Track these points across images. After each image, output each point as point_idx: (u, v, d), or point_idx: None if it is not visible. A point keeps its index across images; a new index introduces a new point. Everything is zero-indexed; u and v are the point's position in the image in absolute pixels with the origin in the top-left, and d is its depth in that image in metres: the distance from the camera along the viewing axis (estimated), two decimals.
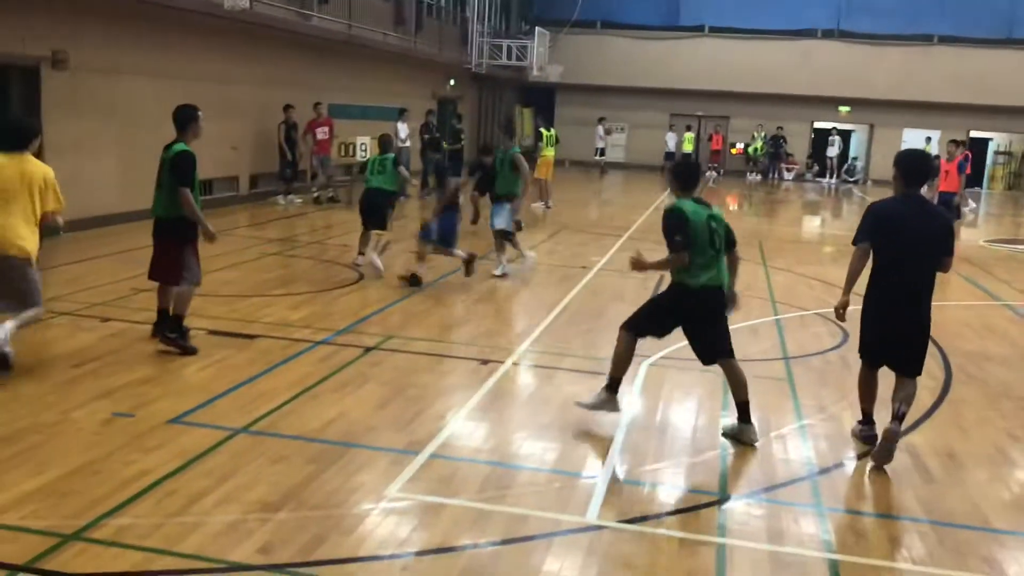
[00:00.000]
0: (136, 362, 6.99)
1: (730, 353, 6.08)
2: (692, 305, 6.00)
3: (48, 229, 6.79)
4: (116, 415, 5.85)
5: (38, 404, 5.97)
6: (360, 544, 4.41)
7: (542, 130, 20.81)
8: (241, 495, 4.80)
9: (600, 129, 30.50)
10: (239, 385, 6.57)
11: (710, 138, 32.82)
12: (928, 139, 29.71)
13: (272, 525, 4.50)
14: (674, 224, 5.89)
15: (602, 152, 30.66)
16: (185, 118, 7.45)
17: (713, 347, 6.08)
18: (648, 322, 6.22)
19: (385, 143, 11.67)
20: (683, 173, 6.26)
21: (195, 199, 7.21)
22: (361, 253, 11.14)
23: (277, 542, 4.33)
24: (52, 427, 5.60)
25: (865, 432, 6.13)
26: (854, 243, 5.95)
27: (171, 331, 7.30)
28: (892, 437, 5.56)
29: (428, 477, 5.23)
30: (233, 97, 16.47)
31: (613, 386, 6.22)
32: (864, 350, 6.05)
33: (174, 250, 7.30)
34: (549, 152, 20.19)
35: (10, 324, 6.43)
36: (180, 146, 7.36)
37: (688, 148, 31.26)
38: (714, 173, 31.50)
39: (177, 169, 7.21)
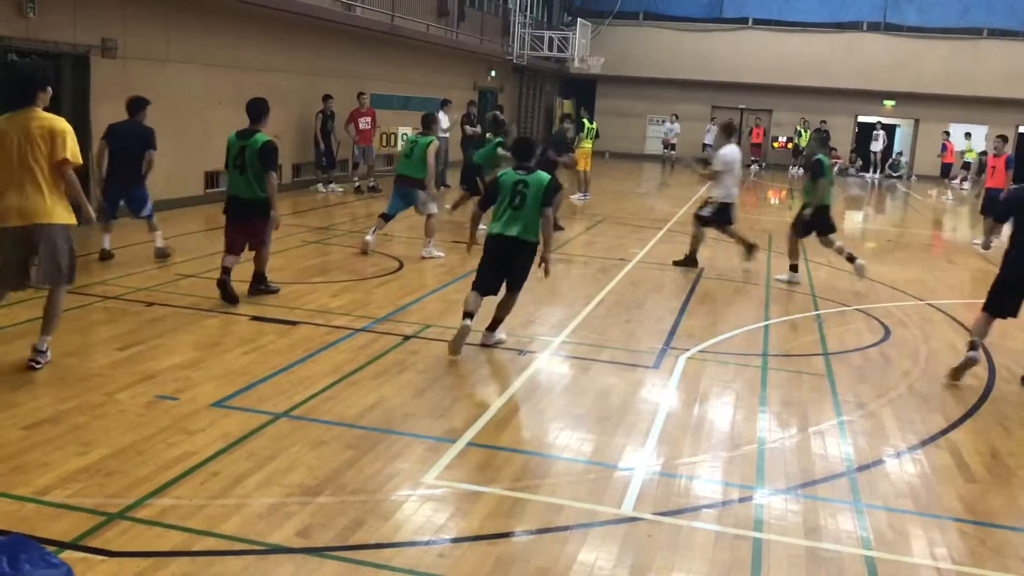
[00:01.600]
0: (179, 346, 7.11)
1: (517, 289, 7.70)
2: (490, 248, 7.56)
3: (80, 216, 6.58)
4: (160, 398, 5.95)
5: (83, 386, 6.09)
6: (397, 530, 4.45)
7: (584, 122, 20.77)
8: (281, 478, 4.87)
9: (671, 125, 30.63)
10: (280, 371, 6.65)
11: (751, 131, 32.50)
12: (968, 135, 29.25)
13: (311, 509, 4.56)
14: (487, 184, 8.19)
15: (672, 147, 30.58)
16: (263, 109, 8.59)
17: (509, 283, 7.63)
18: (480, 274, 7.63)
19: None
20: (518, 149, 7.78)
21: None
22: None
23: (316, 525, 4.39)
24: (97, 408, 5.72)
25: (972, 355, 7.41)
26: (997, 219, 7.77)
27: (259, 283, 8.76)
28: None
29: (465, 465, 5.26)
30: (277, 86, 16.61)
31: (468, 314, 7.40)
32: (994, 301, 7.52)
33: (260, 225, 8.51)
34: (588, 144, 20.16)
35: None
36: (263, 136, 8.43)
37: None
38: (755, 167, 31.21)
39: (267, 157, 8.32)
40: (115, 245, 10.51)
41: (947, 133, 30.26)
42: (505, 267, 7.53)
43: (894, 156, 33.16)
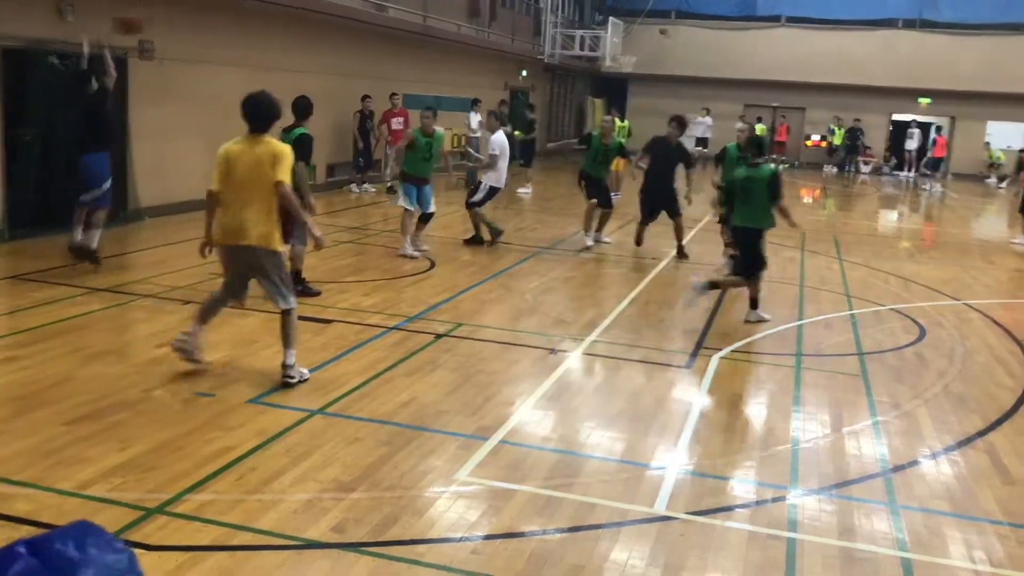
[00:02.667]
0: (216, 344, 7.19)
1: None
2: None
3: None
4: (197, 394, 6.04)
5: (123, 382, 6.19)
6: (430, 526, 4.49)
7: (616, 121, 20.74)
8: (316, 474, 4.92)
9: (703, 119, 30.37)
10: (314, 368, 6.72)
11: (775, 129, 32.21)
12: (987, 144, 29.08)
13: (346, 504, 4.61)
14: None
15: (704, 143, 30.41)
16: (306, 107, 8.96)
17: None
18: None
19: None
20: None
21: (308, 176, 8.58)
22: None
23: (350, 521, 4.44)
24: (136, 405, 5.81)
25: None
26: None
27: (297, 285, 8.45)
28: None
29: (497, 463, 5.29)
30: (310, 87, 16.63)
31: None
32: None
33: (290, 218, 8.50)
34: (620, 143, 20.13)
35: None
36: (301, 129, 8.78)
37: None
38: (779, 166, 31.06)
39: (302, 147, 8.46)
40: (155, 243, 10.65)
41: (939, 128, 30.39)
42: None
43: (929, 155, 32.74)
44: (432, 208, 11.52)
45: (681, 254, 12.32)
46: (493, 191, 12.58)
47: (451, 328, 8.11)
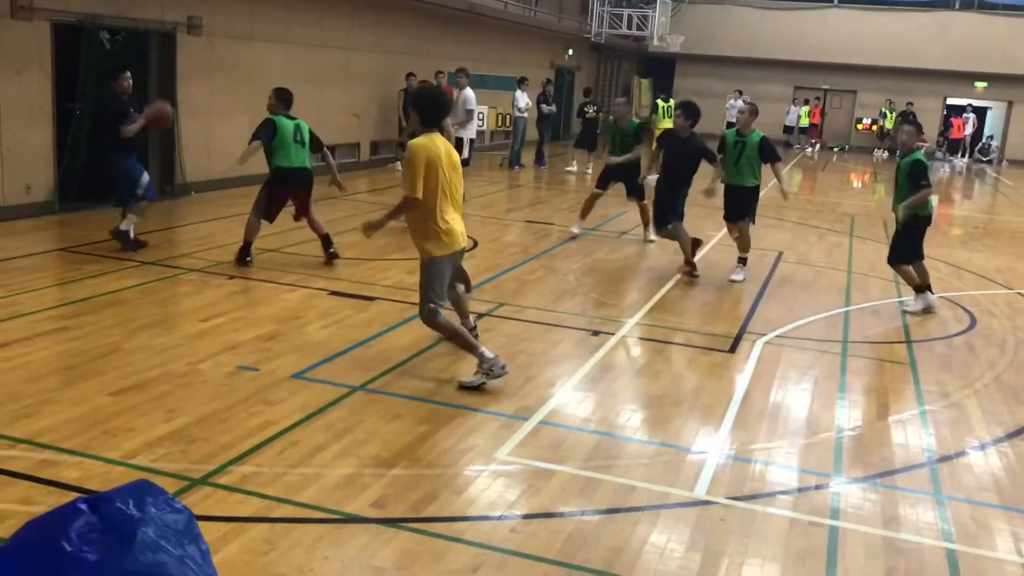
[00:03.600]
0: (260, 319, 7.27)
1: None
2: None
3: None
4: (241, 368, 6.10)
5: (168, 355, 6.27)
6: (470, 504, 4.50)
7: (659, 102, 20.55)
8: (358, 450, 4.95)
9: (735, 101, 29.72)
10: (357, 345, 6.76)
11: (808, 112, 31.48)
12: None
13: (386, 480, 4.63)
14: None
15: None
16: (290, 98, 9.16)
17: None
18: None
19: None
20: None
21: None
22: None
23: (390, 497, 4.46)
24: (181, 377, 5.89)
25: None
26: None
27: (329, 247, 9.24)
28: None
29: (537, 443, 5.28)
30: (355, 65, 16.80)
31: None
32: None
33: (309, 192, 9.27)
34: (666, 124, 19.95)
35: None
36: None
37: (805, 122, 30.59)
38: (808, 149, 30.53)
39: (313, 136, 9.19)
40: (201, 218, 10.75)
41: (956, 109, 30.52)
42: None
43: (984, 140, 32.01)
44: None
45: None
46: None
47: (493, 308, 8.11)
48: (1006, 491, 5.12)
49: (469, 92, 15.41)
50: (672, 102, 20.88)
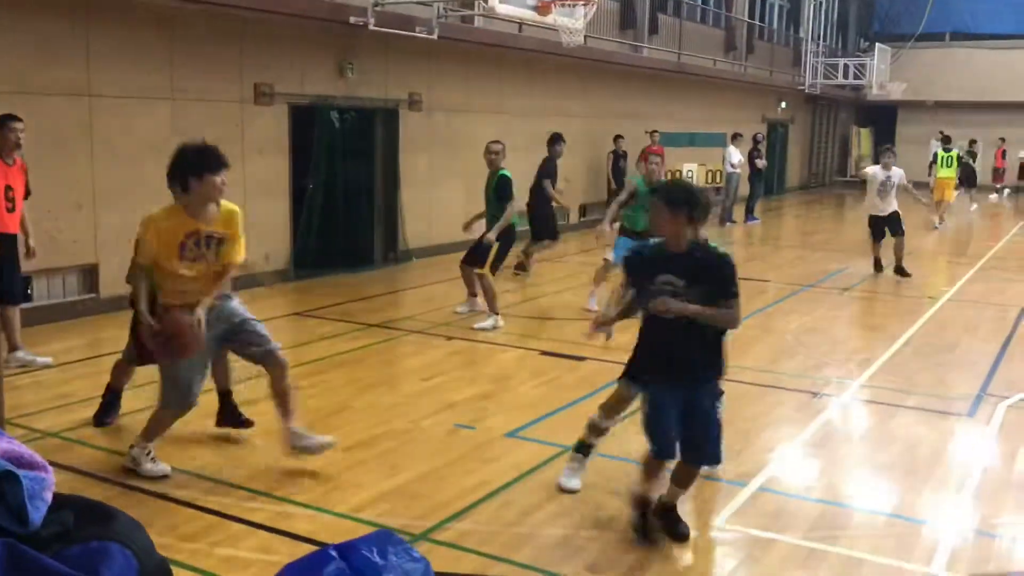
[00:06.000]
0: (476, 378, 7.48)
1: None
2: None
3: None
4: (458, 426, 6.28)
5: (392, 413, 6.56)
6: (685, 571, 4.38)
7: (938, 152, 20.07)
8: (571, 511, 4.95)
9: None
10: (568, 405, 6.80)
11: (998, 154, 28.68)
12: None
13: (599, 544, 4.59)
14: None
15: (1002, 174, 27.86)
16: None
17: None
18: None
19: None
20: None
21: None
22: None
23: (604, 560, 4.42)
24: (404, 434, 6.13)
25: None
26: None
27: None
28: None
29: (756, 510, 5.08)
30: (567, 129, 17.15)
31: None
32: None
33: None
34: (945, 173, 19.59)
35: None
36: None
37: None
38: (995, 195, 27.78)
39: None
40: (424, 282, 11.24)
41: (1002, 139, 27.97)
42: None
43: None
44: None
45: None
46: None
47: None
48: None
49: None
50: (955, 151, 20.00)
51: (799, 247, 16.64)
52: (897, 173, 12.46)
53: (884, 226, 12.58)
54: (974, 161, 24.87)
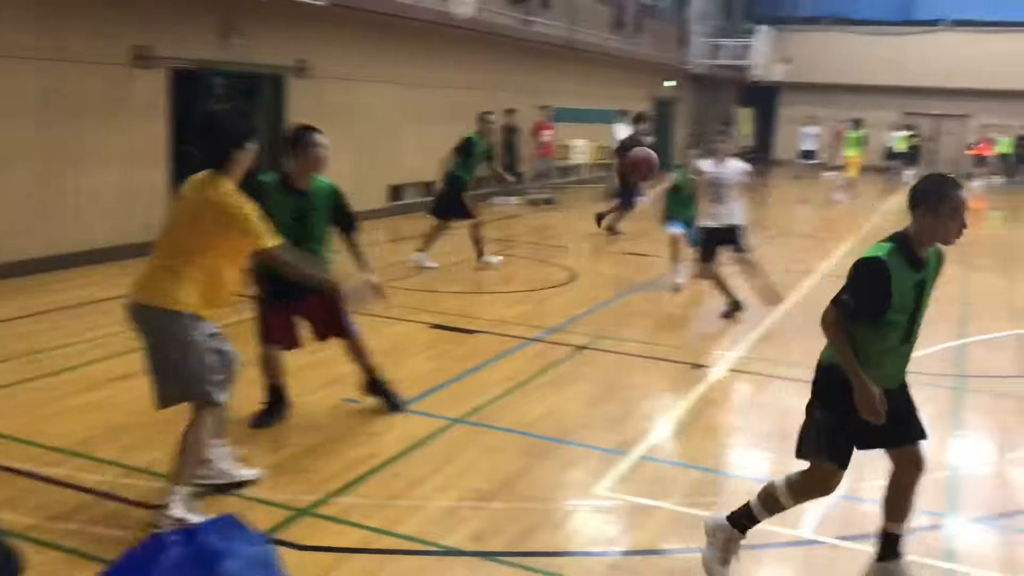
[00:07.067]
0: None
1: None
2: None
3: None
4: (345, 400, 6.23)
5: None
6: (570, 539, 4.47)
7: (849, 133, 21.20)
8: (457, 482, 4.99)
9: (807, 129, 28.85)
10: (457, 378, 6.83)
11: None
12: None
13: (485, 513, 4.65)
14: None
15: (809, 155, 28.38)
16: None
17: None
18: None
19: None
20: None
21: None
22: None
23: (490, 530, 4.48)
24: (289, 409, 6.04)
25: None
26: None
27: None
28: None
29: (637, 478, 5.23)
30: (457, 101, 17.11)
31: None
32: None
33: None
34: (852, 152, 21.84)
35: None
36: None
37: (901, 147, 28.28)
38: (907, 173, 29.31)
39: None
40: None
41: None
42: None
43: None
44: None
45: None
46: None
47: (592, 340, 8.09)
48: None
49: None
50: (863, 133, 21.38)
51: None
52: (734, 169, 9.06)
53: (719, 242, 9.09)
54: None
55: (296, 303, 5.60)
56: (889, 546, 4.12)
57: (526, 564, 4.19)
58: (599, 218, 14.54)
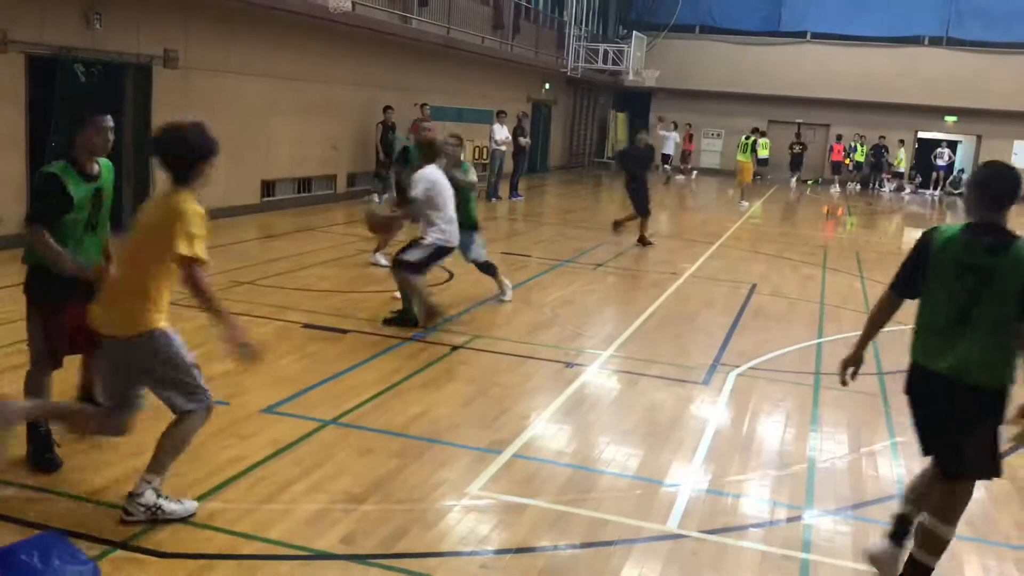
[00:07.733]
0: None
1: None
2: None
3: None
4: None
5: None
6: (441, 539, 4.47)
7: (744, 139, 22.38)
8: (328, 485, 4.91)
9: (672, 133, 29.88)
10: (329, 378, 6.72)
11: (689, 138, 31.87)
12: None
13: (356, 516, 4.59)
14: None
15: (666, 158, 29.38)
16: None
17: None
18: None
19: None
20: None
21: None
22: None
23: (360, 533, 4.42)
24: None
25: None
26: None
27: None
28: None
29: (510, 477, 5.26)
30: (334, 97, 16.87)
31: None
32: None
33: None
34: (742, 158, 22.56)
35: None
36: None
37: (763, 154, 28.86)
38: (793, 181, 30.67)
39: None
40: None
41: (839, 136, 31.46)
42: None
43: (955, 173, 32.48)
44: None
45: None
46: (439, 252, 8.53)
47: (467, 340, 8.10)
48: (976, 523, 5.14)
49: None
50: (752, 139, 22.45)
51: (559, 224, 17.28)
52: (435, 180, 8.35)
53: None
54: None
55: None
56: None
57: (397, 566, 4.16)
58: (616, 225, 14.50)
